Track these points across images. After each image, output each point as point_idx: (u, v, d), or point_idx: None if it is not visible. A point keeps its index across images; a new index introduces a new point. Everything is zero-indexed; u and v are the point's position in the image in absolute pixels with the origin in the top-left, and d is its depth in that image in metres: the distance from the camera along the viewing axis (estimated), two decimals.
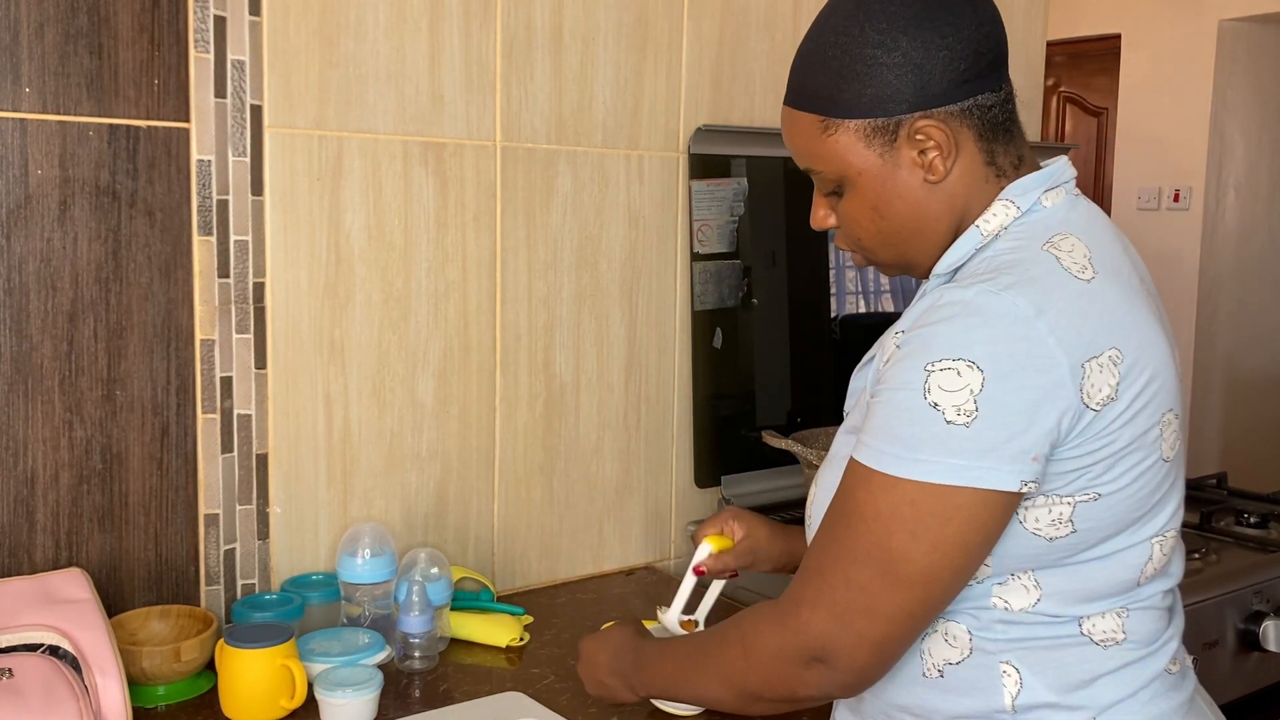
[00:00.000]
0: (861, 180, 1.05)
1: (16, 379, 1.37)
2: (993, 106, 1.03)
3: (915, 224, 1.05)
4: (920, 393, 0.93)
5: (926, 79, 1.00)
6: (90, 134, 1.38)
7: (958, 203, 1.05)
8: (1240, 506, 2.10)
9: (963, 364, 0.92)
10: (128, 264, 1.42)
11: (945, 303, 0.96)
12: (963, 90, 1.01)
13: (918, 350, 0.95)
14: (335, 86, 1.54)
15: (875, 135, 1.02)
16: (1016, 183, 1.05)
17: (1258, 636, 1.73)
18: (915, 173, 1.03)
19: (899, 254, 1.09)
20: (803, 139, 1.07)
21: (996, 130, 1.04)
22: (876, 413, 0.97)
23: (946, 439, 0.92)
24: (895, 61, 1.00)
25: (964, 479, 0.92)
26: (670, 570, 1.94)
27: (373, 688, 1.29)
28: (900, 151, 1.03)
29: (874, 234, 1.08)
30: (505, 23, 1.68)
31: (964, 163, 1.03)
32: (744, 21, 1.94)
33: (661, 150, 1.86)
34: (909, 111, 1.01)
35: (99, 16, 1.37)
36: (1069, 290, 0.96)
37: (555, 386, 1.79)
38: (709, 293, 1.93)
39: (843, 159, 1.04)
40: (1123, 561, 1.01)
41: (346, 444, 1.61)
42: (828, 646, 0.98)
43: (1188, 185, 4.69)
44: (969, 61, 1.01)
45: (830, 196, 1.10)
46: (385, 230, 1.60)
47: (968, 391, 0.91)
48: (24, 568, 1.39)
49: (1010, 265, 0.97)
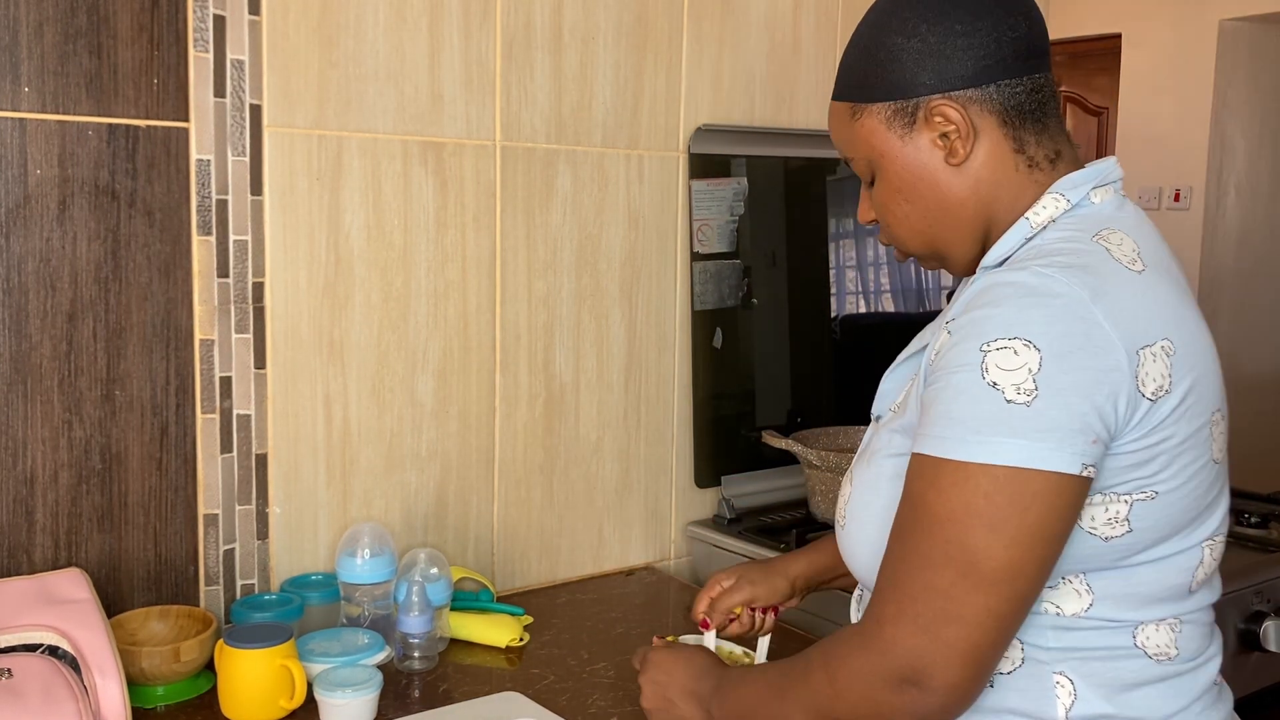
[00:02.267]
0: (885, 164, 1.07)
1: (16, 379, 1.37)
2: (1018, 92, 1.04)
3: (940, 208, 1.06)
4: (978, 372, 0.92)
5: (944, 63, 1.03)
6: (89, 133, 1.38)
7: (983, 189, 1.05)
8: (1240, 506, 2.10)
9: (1019, 343, 0.91)
10: (127, 264, 1.42)
11: (997, 283, 0.95)
12: (981, 75, 1.03)
13: (972, 332, 0.94)
14: (335, 86, 1.54)
15: (896, 118, 1.05)
16: (1066, 178, 1.05)
17: (1258, 636, 1.73)
18: (935, 154, 1.05)
19: (928, 242, 1.09)
20: (837, 127, 1.11)
21: (1024, 118, 1.05)
22: (936, 400, 0.95)
23: (1007, 418, 0.90)
24: (914, 47, 1.03)
25: (1030, 460, 0.90)
26: (670, 570, 1.93)
27: (372, 688, 1.29)
28: (920, 134, 1.05)
29: (903, 220, 1.09)
30: (505, 22, 1.68)
31: (987, 147, 1.04)
32: (744, 21, 1.94)
33: (661, 150, 1.86)
34: (926, 94, 1.03)
35: (98, 16, 1.37)
36: (1121, 278, 0.96)
37: (555, 386, 1.79)
38: (709, 293, 1.93)
39: (868, 143, 1.08)
40: (1175, 565, 1.00)
41: (346, 444, 1.61)
42: (916, 664, 0.93)
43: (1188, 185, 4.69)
44: (989, 49, 1.02)
45: (869, 189, 1.12)
46: (385, 230, 1.60)
47: (1026, 370, 0.90)
48: (23, 568, 1.39)
49: (1061, 252, 0.98)
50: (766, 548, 1.79)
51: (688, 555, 1.97)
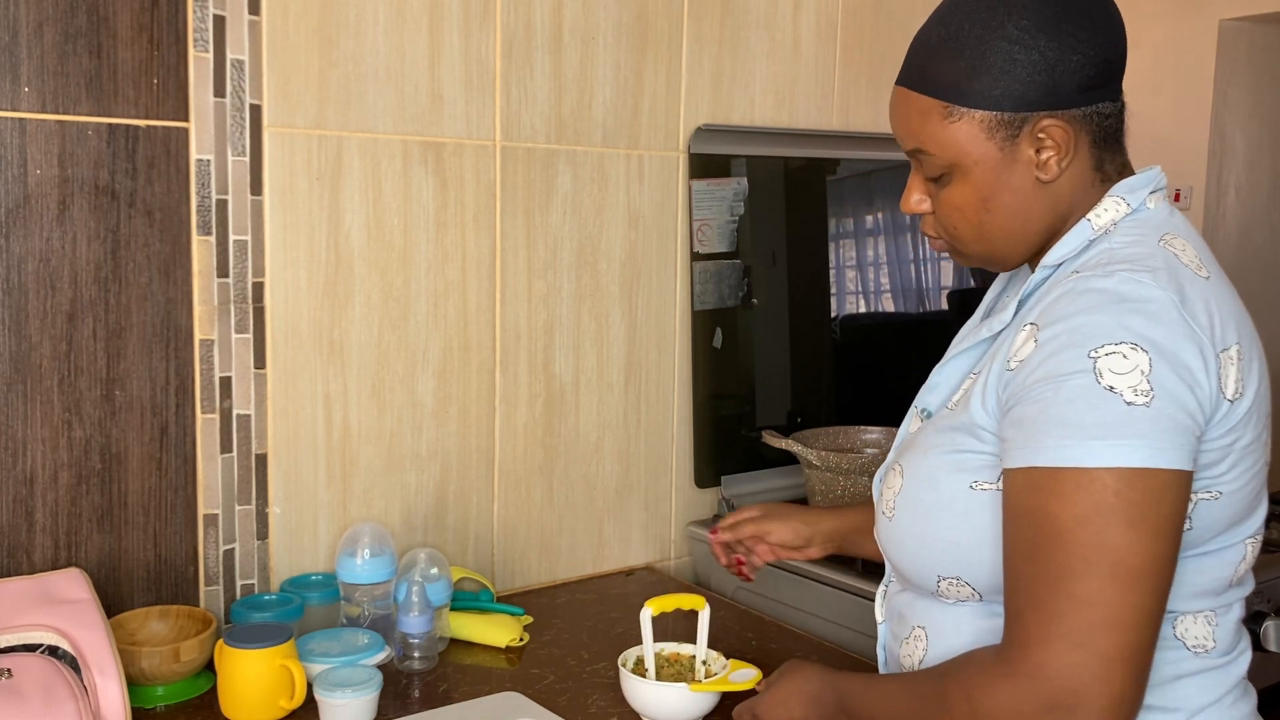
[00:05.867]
0: (976, 170, 1.04)
1: (15, 379, 1.37)
2: (1109, 116, 1.05)
3: (1018, 221, 1.06)
4: (1093, 377, 0.90)
5: (1058, 80, 1.01)
6: (89, 133, 1.38)
7: (1062, 205, 1.06)
8: None
9: (1126, 346, 0.91)
10: (127, 264, 1.42)
11: (1086, 290, 0.95)
12: (1087, 96, 1.02)
13: (1074, 340, 0.92)
14: (335, 86, 1.54)
15: (999, 128, 1.03)
16: (1124, 182, 1.06)
17: (1258, 636, 1.73)
18: (1029, 170, 1.04)
19: (991, 248, 1.08)
20: (920, 122, 1.07)
21: (1109, 139, 1.06)
22: (1044, 410, 0.92)
23: (1130, 420, 0.89)
24: (1032, 59, 1.00)
25: (1154, 460, 0.89)
26: (670, 570, 1.93)
27: (372, 688, 1.29)
28: (1020, 148, 1.03)
29: (974, 225, 1.07)
30: (505, 22, 1.68)
31: (1076, 166, 1.04)
32: (744, 21, 1.94)
33: (661, 150, 1.86)
34: (1036, 110, 1.01)
35: (98, 16, 1.37)
36: (1195, 284, 0.98)
37: (555, 386, 1.79)
38: (709, 293, 1.93)
39: (961, 147, 1.04)
40: (1221, 560, 1.01)
41: (346, 444, 1.60)
42: (1073, 685, 0.88)
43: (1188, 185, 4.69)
44: (1099, 68, 1.02)
45: (930, 182, 1.09)
46: (385, 230, 1.60)
47: (1139, 373, 0.90)
48: (23, 568, 1.39)
49: (1136, 258, 0.98)
50: None
51: (688, 555, 1.97)
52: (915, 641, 1.11)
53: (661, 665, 1.34)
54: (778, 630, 1.62)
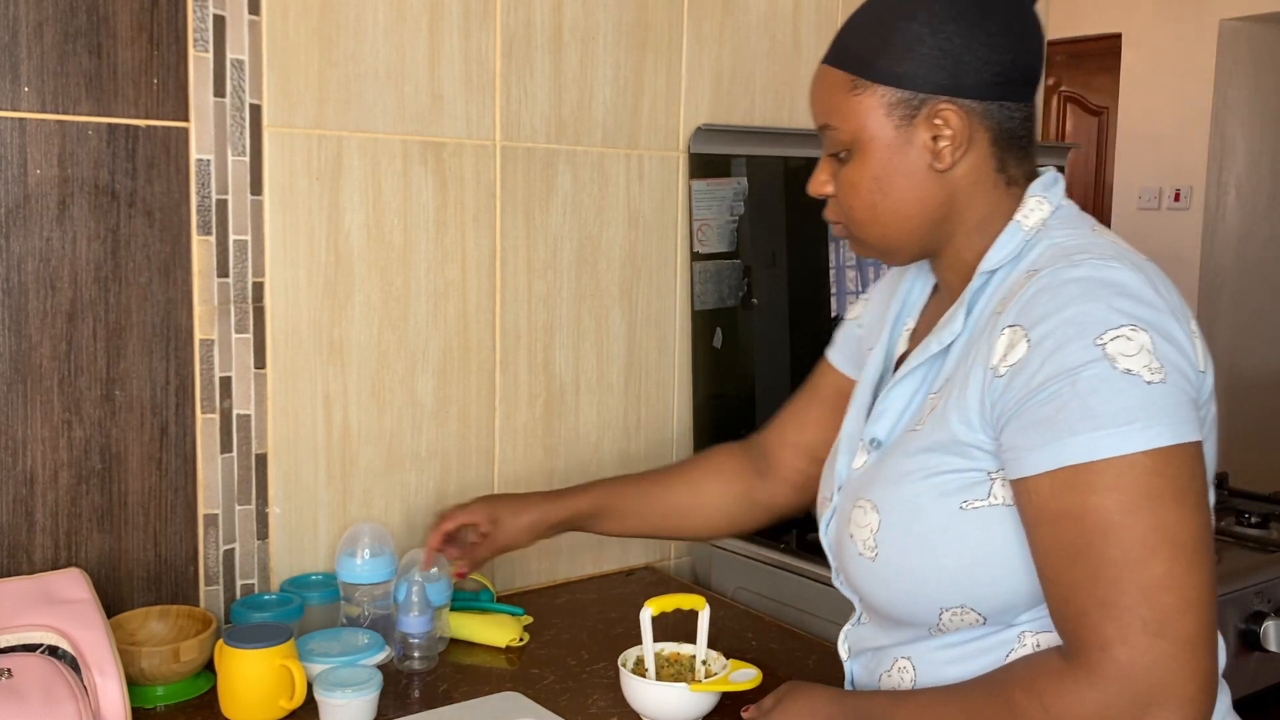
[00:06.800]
0: (872, 147, 1.05)
1: (15, 379, 1.37)
2: (1014, 118, 1.05)
3: (910, 207, 1.06)
4: (1107, 364, 0.89)
5: (961, 68, 1.02)
6: (89, 133, 1.38)
7: (958, 200, 1.06)
8: (1241, 506, 2.10)
9: (1127, 328, 0.91)
10: (127, 264, 1.42)
11: (1065, 281, 0.94)
12: (991, 91, 1.03)
13: (1074, 332, 0.91)
14: (334, 86, 1.54)
15: (897, 106, 1.04)
16: (1037, 182, 1.07)
17: (1258, 636, 1.73)
18: (923, 155, 1.04)
19: (883, 235, 1.09)
20: (828, 94, 1.08)
21: (1013, 141, 1.06)
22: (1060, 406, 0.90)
23: (1154, 399, 0.89)
24: (938, 43, 1.02)
25: (1184, 434, 0.89)
26: (670, 570, 1.93)
27: (372, 688, 1.29)
28: (916, 130, 1.04)
29: (867, 207, 1.07)
30: (505, 22, 1.68)
31: (972, 160, 1.05)
32: (744, 21, 1.94)
33: (661, 150, 1.86)
34: (935, 93, 1.03)
35: (98, 16, 1.37)
36: (1147, 265, 0.99)
37: (555, 386, 1.79)
38: (709, 293, 1.93)
39: (861, 121, 1.05)
40: None
41: (346, 444, 1.60)
42: (1163, 677, 0.86)
43: (1188, 185, 4.69)
44: (1004, 67, 1.03)
45: (833, 160, 1.10)
46: (384, 230, 1.60)
47: (1146, 351, 0.90)
48: (23, 568, 1.39)
49: (1089, 247, 0.98)
50: (767, 547, 1.79)
51: (688, 555, 1.97)
52: (899, 674, 1.08)
53: (661, 665, 1.34)
54: (778, 630, 1.62)
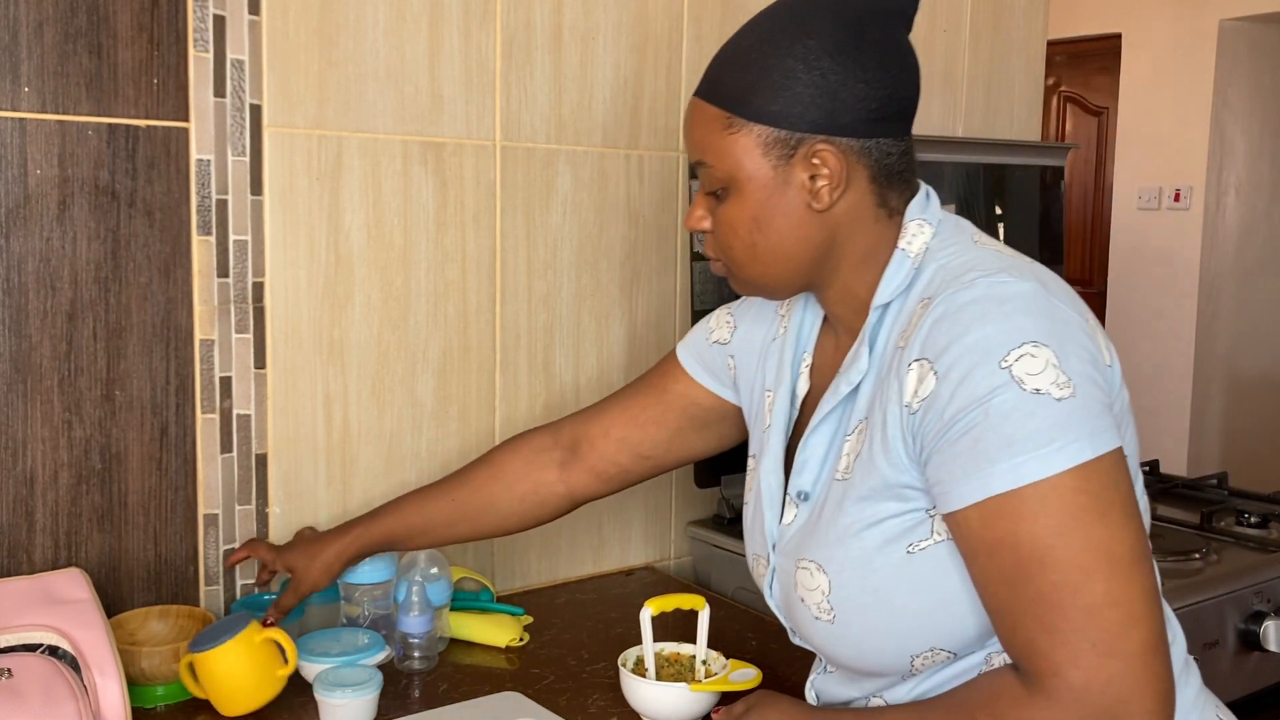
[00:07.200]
0: (749, 187, 1.04)
1: (15, 379, 1.37)
2: (892, 153, 1.04)
3: (790, 246, 1.05)
4: (1016, 387, 0.89)
5: (837, 106, 1.00)
6: (89, 133, 1.38)
7: (839, 236, 1.05)
8: (1241, 506, 2.10)
9: (1029, 345, 0.90)
10: (127, 264, 1.42)
11: (961, 306, 0.93)
12: (868, 128, 1.01)
13: (978, 359, 0.90)
14: (334, 86, 1.54)
15: (774, 146, 1.02)
16: (912, 205, 1.06)
17: (1258, 636, 1.73)
18: (801, 195, 1.03)
19: (762, 274, 1.07)
20: (703, 131, 1.06)
21: (892, 177, 1.05)
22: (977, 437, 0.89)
23: (1067, 415, 0.88)
24: (814, 80, 1.00)
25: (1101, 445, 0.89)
26: (670, 570, 1.93)
27: (372, 688, 1.29)
28: (794, 171, 1.02)
29: (746, 247, 1.06)
30: (505, 22, 1.68)
31: (852, 199, 1.03)
32: (744, 21, 1.94)
33: (661, 150, 1.86)
34: (812, 132, 1.01)
35: (98, 16, 1.37)
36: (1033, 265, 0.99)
37: (555, 386, 1.79)
38: (709, 293, 1.93)
39: (737, 161, 1.03)
40: None
41: (346, 444, 1.61)
42: (1120, 694, 0.86)
43: (1188, 185, 4.69)
44: (881, 103, 1.01)
45: (710, 198, 1.08)
46: (384, 230, 1.60)
47: (1052, 367, 0.89)
48: (23, 568, 1.39)
49: (976, 263, 0.98)
50: None
51: (688, 555, 1.97)
52: None
53: (661, 665, 1.34)
54: (778, 630, 1.62)
